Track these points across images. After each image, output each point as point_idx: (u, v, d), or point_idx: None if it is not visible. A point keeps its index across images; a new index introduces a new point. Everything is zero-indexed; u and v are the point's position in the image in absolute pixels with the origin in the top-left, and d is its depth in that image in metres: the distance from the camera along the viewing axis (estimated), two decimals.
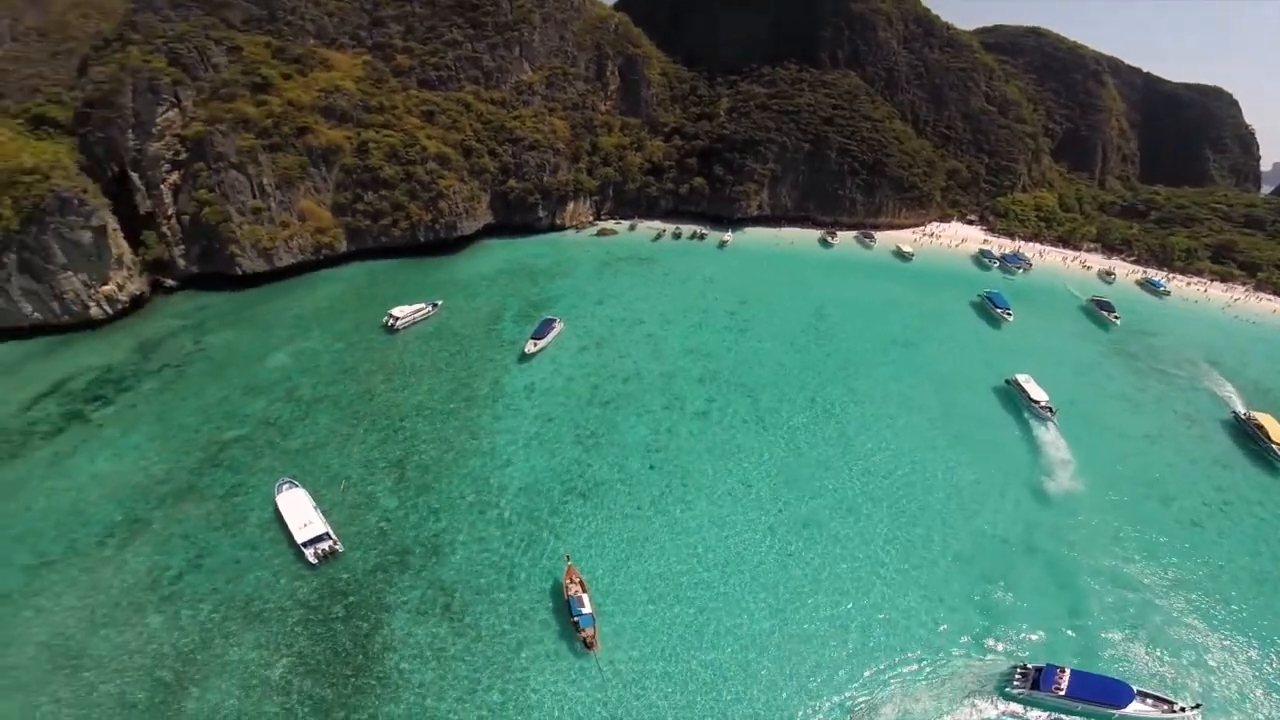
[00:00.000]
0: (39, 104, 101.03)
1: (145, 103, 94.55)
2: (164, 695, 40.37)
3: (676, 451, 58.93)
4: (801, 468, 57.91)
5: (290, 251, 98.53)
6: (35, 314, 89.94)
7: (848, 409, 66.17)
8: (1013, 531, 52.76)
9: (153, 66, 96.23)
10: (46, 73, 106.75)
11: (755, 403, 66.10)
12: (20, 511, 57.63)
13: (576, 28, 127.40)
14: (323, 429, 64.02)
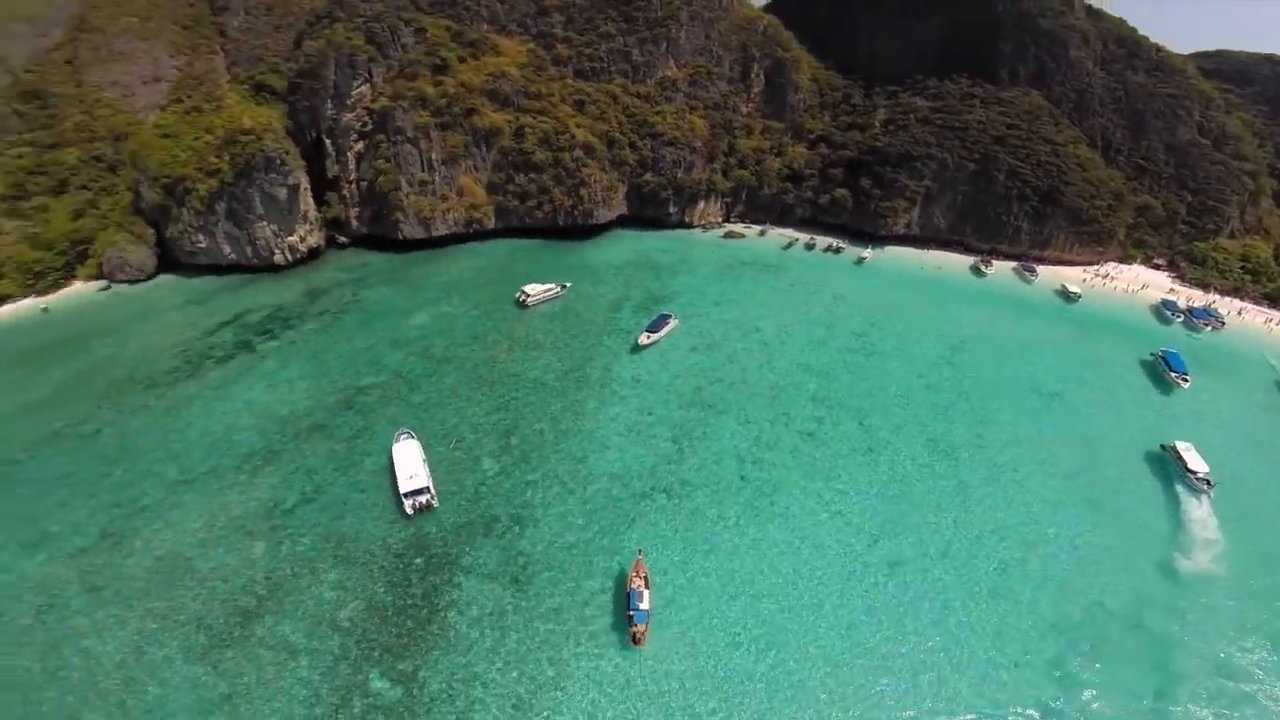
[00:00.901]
0: (261, 72, 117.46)
1: (344, 76, 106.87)
2: (239, 620, 45.36)
3: (772, 466, 57.17)
4: (904, 506, 54.06)
5: (446, 223, 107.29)
6: (232, 255, 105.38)
7: (970, 453, 60.57)
8: (1122, 604, 46.86)
9: (352, 43, 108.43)
10: (270, 44, 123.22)
11: (868, 432, 62.41)
12: (182, 429, 67.94)
13: (723, 27, 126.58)
14: (446, 388, 69.21)
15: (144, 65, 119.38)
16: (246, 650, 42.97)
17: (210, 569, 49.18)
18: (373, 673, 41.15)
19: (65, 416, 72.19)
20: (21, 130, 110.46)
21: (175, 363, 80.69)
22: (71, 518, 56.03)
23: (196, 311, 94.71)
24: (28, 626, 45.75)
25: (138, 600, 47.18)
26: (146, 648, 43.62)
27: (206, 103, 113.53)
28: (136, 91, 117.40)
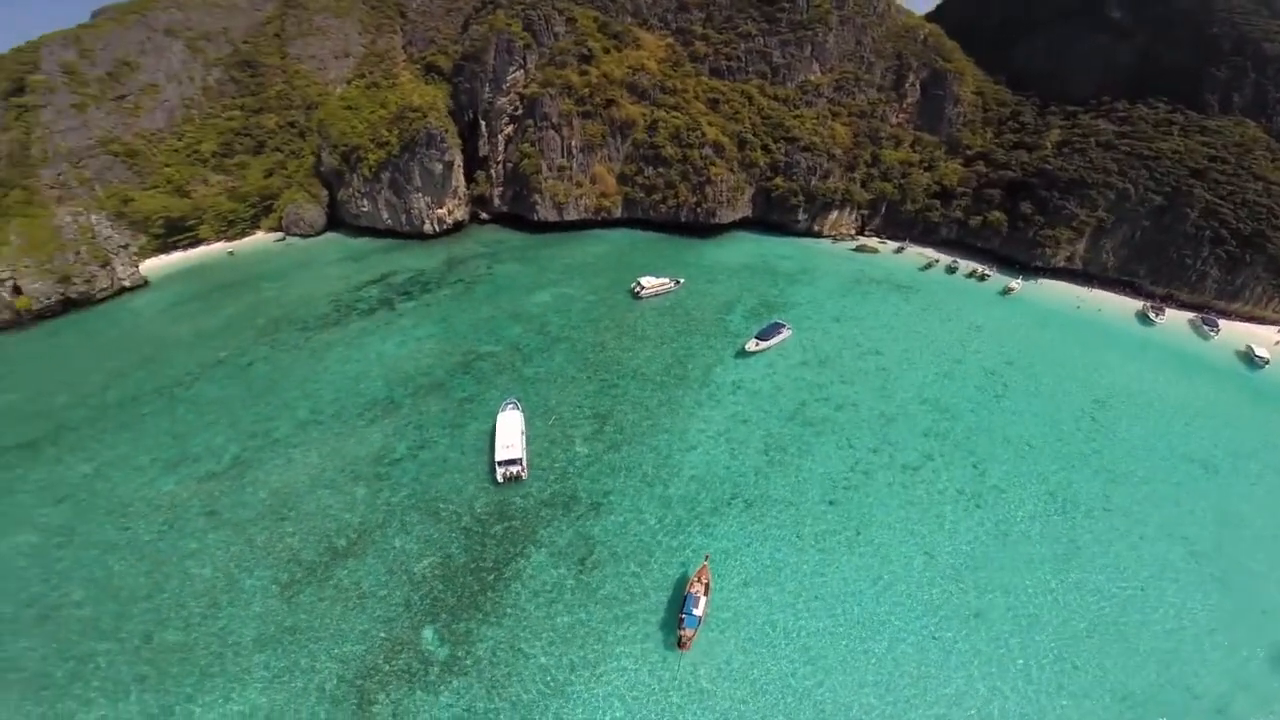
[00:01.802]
0: (432, 54, 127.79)
1: (502, 61, 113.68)
2: (327, 559, 49.15)
3: (865, 496, 53.74)
4: (1001, 558, 48.93)
5: (577, 208, 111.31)
6: (388, 221, 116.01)
7: (1091, 515, 53.44)
8: (1213, 688, 40.22)
9: (511, 30, 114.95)
10: (441, 27, 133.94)
11: (980, 475, 56.88)
12: (320, 371, 75.68)
13: (877, 33, 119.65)
14: (554, 366, 71.89)
15: (336, 41, 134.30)
16: (323, 589, 46.63)
17: (315, 507, 54.13)
18: (428, 628, 43.36)
19: (229, 347, 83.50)
20: (235, 95, 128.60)
21: (326, 310, 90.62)
22: (212, 442, 64.44)
23: (351, 268, 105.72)
24: (148, 543, 52.40)
25: (245, 529, 52.61)
26: (238, 575, 48.39)
27: (384, 79, 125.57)
28: (328, 65, 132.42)
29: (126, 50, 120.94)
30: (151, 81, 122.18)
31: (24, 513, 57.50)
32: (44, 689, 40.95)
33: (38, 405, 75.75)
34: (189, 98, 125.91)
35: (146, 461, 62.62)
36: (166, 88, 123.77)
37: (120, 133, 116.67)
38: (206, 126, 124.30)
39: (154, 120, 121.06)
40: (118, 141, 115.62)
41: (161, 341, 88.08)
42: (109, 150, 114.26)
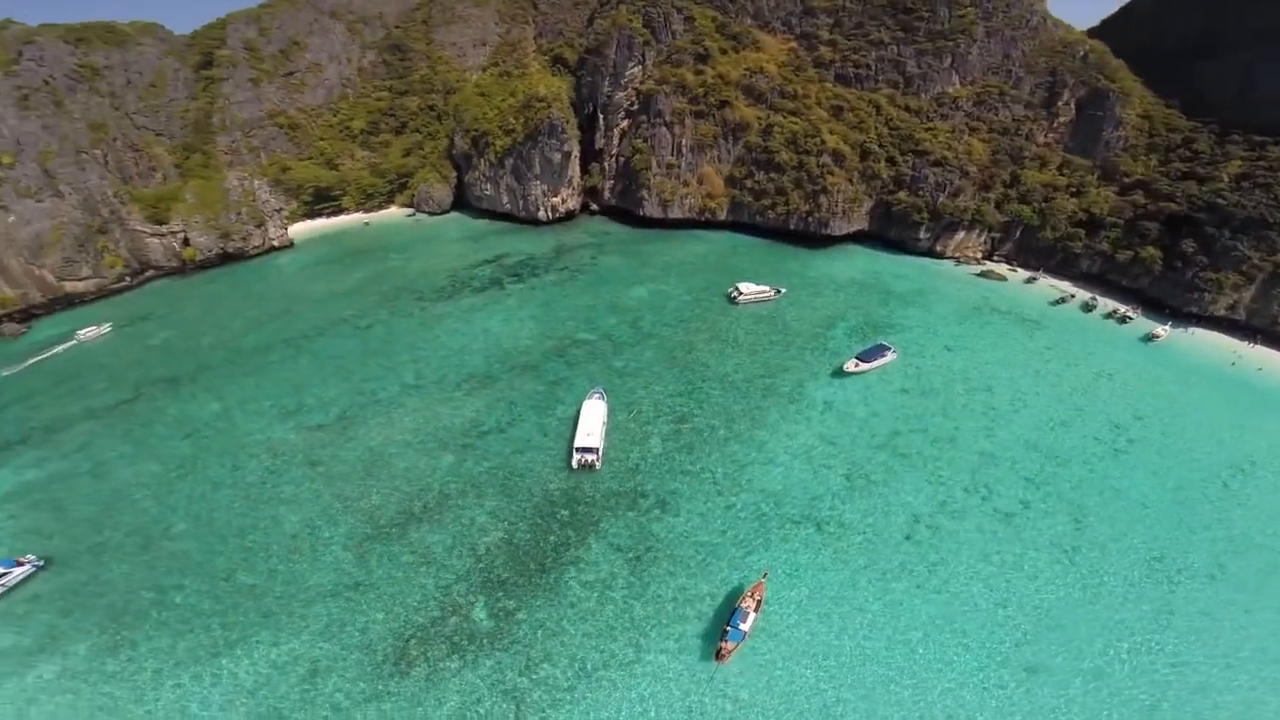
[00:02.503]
0: (559, 46, 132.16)
1: (622, 57, 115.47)
2: (403, 521, 51.79)
3: (947, 536, 49.86)
4: (1082, 617, 44.13)
5: (682, 207, 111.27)
6: (507, 205, 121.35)
7: (1198, 585, 46.67)
8: None
9: (632, 26, 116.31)
10: (568, 20, 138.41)
11: (1080, 531, 51.24)
12: (429, 340, 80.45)
13: (1028, 48, 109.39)
14: (643, 361, 72.35)
15: (475, 29, 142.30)
16: (392, 550, 49.46)
17: (403, 469, 57.70)
18: (480, 600, 45.00)
19: (354, 308, 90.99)
20: (384, 77, 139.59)
21: (443, 284, 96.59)
22: (325, 395, 70.50)
23: (469, 246, 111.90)
24: (251, 485, 57.83)
25: (338, 482, 56.84)
26: (321, 526, 52.28)
27: (515, 69, 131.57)
28: (467, 52, 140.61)
29: (297, 30, 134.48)
30: (316, 61, 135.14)
31: (156, 443, 65.67)
32: (123, 614, 46.02)
33: (187, 344, 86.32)
34: (346, 77, 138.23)
35: (267, 406, 69.60)
36: (328, 67, 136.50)
37: (286, 107, 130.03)
38: (358, 105, 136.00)
39: (315, 97, 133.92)
40: (283, 115, 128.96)
41: (297, 297, 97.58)
42: (275, 122, 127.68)
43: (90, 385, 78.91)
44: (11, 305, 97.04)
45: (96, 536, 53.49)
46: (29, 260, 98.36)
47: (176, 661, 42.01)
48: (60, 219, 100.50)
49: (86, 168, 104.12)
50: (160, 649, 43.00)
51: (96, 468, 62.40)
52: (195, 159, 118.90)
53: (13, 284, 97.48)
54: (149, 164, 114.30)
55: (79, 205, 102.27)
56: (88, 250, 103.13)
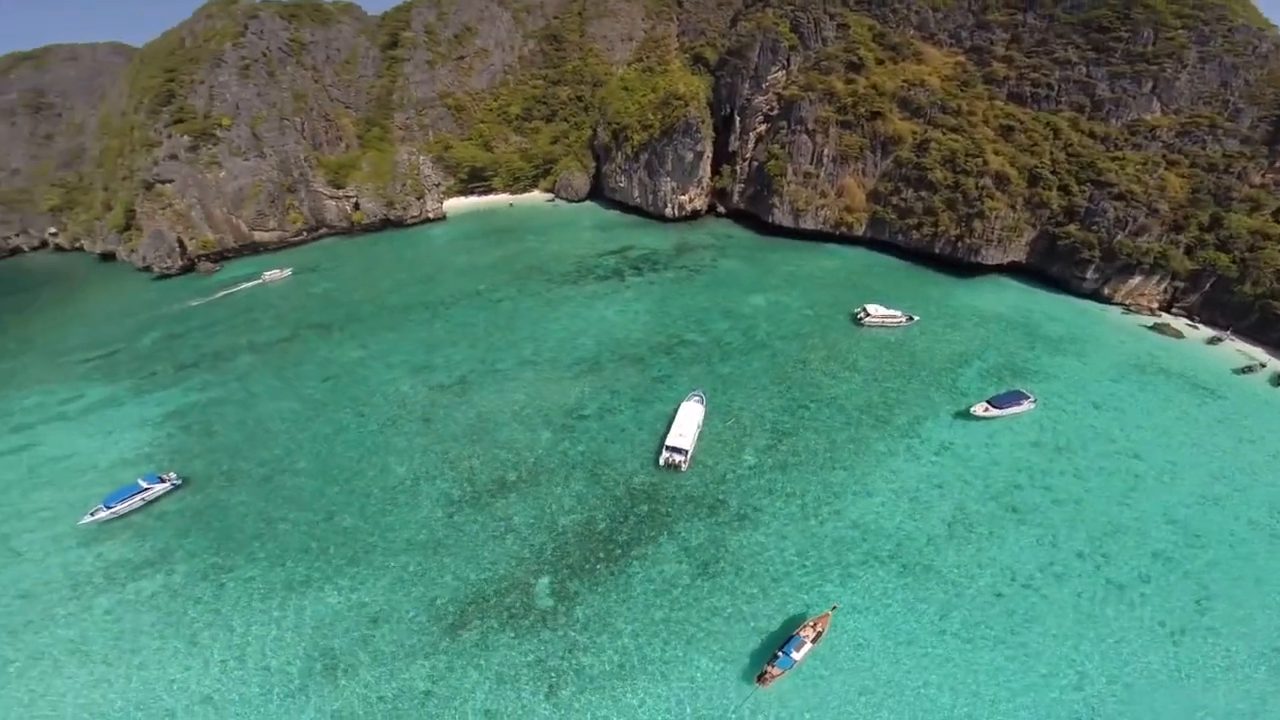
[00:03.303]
0: (700, 45, 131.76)
1: (765, 60, 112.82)
2: (494, 489, 53.92)
3: (1042, 600, 44.37)
4: (1165, 703, 38.38)
5: (815, 218, 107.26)
6: (637, 199, 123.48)
7: None
8: None
9: (779, 29, 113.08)
10: (713, 20, 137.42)
11: (1197, 614, 43.49)
12: (550, 320, 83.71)
13: (1253, 76, 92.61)
14: (750, 371, 70.77)
15: (624, 24, 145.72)
16: (478, 515, 51.85)
17: (505, 439, 60.63)
18: (546, 578, 46.00)
19: (488, 282, 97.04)
20: (541, 66, 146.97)
21: (569, 269, 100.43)
22: (452, 359, 75.78)
23: (598, 235, 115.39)
24: (370, 432, 63.08)
25: (445, 442, 60.62)
26: (421, 482, 55.86)
27: (657, 65, 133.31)
28: (615, 46, 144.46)
29: (470, 16, 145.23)
30: (484, 47, 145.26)
31: (300, 383, 73.87)
32: (230, 540, 51.43)
33: (343, 296, 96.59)
34: (508, 64, 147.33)
35: (399, 361, 76.20)
36: (494, 53, 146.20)
37: (454, 89, 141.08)
38: (516, 91, 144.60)
39: (480, 81, 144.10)
40: (451, 97, 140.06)
41: (441, 266, 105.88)
42: (444, 103, 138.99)
43: (259, 321, 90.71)
44: (210, 247, 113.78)
45: (230, 463, 61.02)
46: (229, 211, 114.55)
47: (259, 593, 46.53)
48: (260, 177, 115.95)
49: (286, 133, 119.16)
50: (250, 578, 47.84)
51: (248, 398, 71.53)
52: (374, 132, 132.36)
53: (214, 229, 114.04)
54: (336, 133, 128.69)
55: (276, 166, 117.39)
56: (277, 206, 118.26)
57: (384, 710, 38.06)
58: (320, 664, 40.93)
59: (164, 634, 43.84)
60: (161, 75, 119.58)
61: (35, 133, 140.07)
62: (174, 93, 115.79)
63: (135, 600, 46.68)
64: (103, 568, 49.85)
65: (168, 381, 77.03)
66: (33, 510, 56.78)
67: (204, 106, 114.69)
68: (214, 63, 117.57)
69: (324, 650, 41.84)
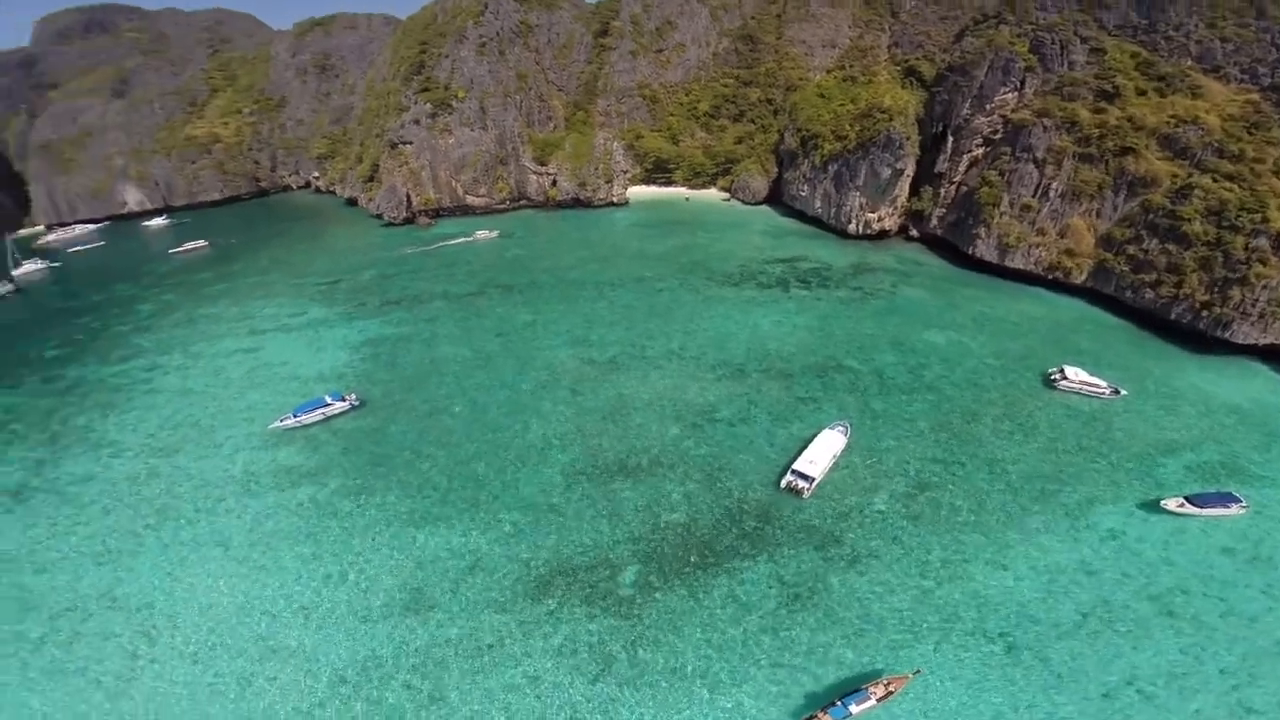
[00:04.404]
0: (915, 58, 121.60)
1: (993, 79, 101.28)
2: (614, 469, 55.46)
3: (1157, 712, 36.96)
4: None
5: (1026, 258, 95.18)
6: (818, 210, 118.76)
7: None
8: None
9: (1015, 49, 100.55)
10: (931, 33, 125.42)
11: None
12: (704, 317, 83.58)
13: None
14: (908, 411, 65.08)
15: (827, 30, 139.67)
16: (593, 491, 53.70)
17: (636, 424, 62.22)
18: (635, 567, 46.36)
19: (654, 271, 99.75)
20: (734, 65, 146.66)
21: (733, 270, 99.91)
22: (607, 338, 79.36)
23: (769, 242, 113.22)
24: (523, 391, 68.10)
25: (583, 415, 63.64)
26: (552, 447, 59.29)
27: (861, 75, 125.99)
28: (814, 52, 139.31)
29: (671, 11, 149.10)
30: (681, 41, 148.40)
31: (477, 335, 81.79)
32: (379, 465, 58.09)
33: (527, 263, 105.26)
34: (702, 61, 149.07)
35: (562, 331, 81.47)
36: (690, 49, 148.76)
37: (651, 81, 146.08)
38: (707, 88, 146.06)
39: (674, 75, 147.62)
40: (648, 88, 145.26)
41: (616, 249, 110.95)
42: (641, 94, 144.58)
43: (456, 274, 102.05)
44: (429, 204, 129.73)
45: (402, 395, 69.25)
46: (451, 174, 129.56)
47: (386, 520, 51.98)
48: (480, 147, 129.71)
49: (508, 109, 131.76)
50: (384, 504, 53.70)
51: (431, 340, 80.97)
52: (579, 115, 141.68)
53: (436, 190, 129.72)
54: (548, 113, 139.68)
55: (495, 139, 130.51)
56: (490, 175, 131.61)
57: (443, 652, 40.91)
58: (408, 599, 44.93)
59: (296, 542, 50.63)
60: (416, 47, 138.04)
61: (319, 90, 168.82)
62: (423, 64, 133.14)
63: (286, 506, 54.42)
64: (272, 471, 58.95)
65: (372, 313, 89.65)
66: (241, 409, 69.11)
67: (445, 78, 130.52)
68: (458, 38, 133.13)
69: (417, 587, 45.85)
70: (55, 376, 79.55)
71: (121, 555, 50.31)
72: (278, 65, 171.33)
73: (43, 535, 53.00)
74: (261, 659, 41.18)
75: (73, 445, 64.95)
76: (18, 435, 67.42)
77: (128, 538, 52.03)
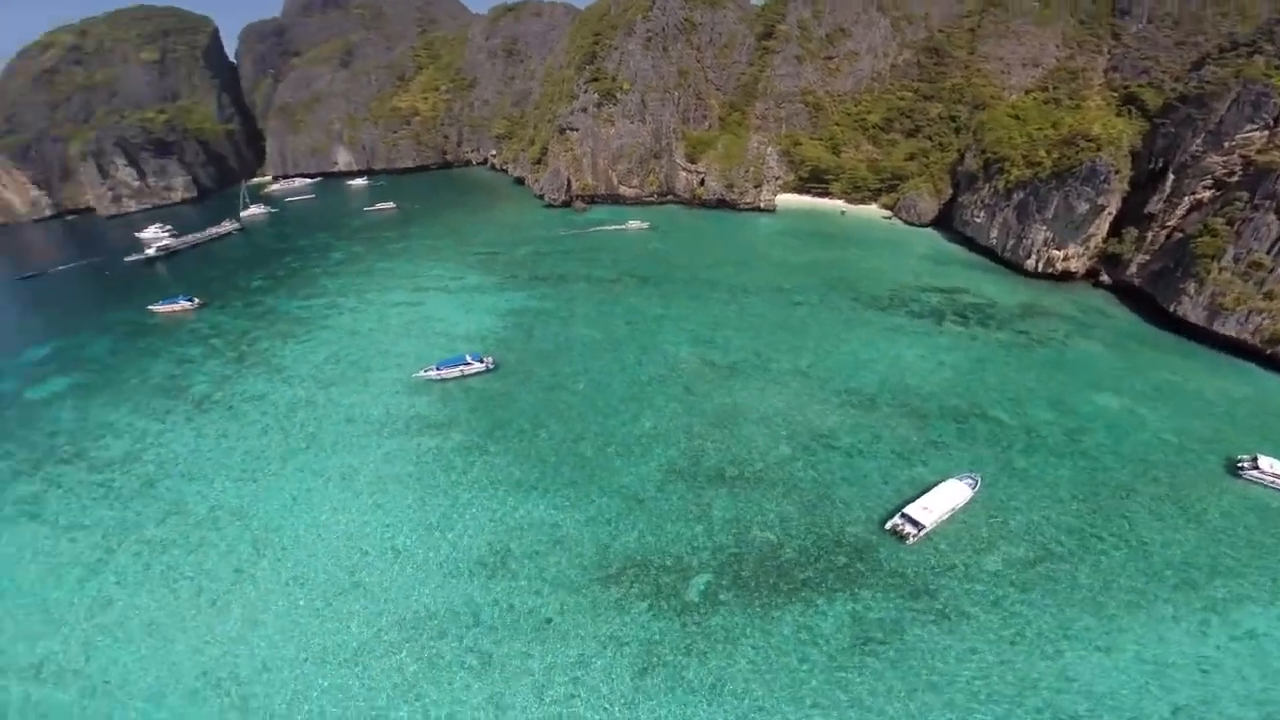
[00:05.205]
0: (1139, 85, 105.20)
1: (1237, 115, 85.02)
2: (712, 476, 55.19)
3: None
4: None
5: (1240, 325, 79.78)
6: (992, 240, 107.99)
7: None
8: None
9: (1271, 83, 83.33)
10: (1161, 59, 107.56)
11: None
12: (840, 340, 79.29)
13: None
14: (1051, 475, 57.28)
15: (1029, 48, 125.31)
16: (686, 492, 53.68)
17: (745, 435, 60.86)
18: (707, 575, 45.47)
19: (793, 283, 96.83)
20: (914, 78, 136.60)
21: (882, 293, 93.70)
22: (731, 343, 78.35)
23: (928, 267, 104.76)
24: (641, 381, 69.39)
25: (694, 417, 63.45)
26: (655, 442, 59.90)
27: (1068, 99, 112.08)
28: (1011, 70, 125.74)
29: (846, 18, 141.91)
30: (854, 50, 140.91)
31: (608, 319, 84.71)
32: (500, 428, 61.72)
33: (666, 257, 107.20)
34: (877, 71, 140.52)
35: (688, 328, 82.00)
36: (864, 58, 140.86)
37: (816, 88, 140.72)
38: (879, 100, 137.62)
39: (843, 84, 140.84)
40: (811, 94, 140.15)
41: (756, 255, 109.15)
42: (803, 100, 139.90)
43: (600, 260, 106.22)
44: (586, 190, 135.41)
45: (533, 365, 73.49)
46: (609, 164, 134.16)
47: (493, 481, 55.27)
48: (637, 140, 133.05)
49: (666, 105, 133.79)
50: (494, 465, 57.17)
51: (568, 318, 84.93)
52: (734, 116, 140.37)
53: (594, 177, 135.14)
54: (703, 112, 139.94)
55: (651, 133, 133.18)
56: (643, 168, 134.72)
57: (505, 618, 42.90)
58: (491, 561, 47.46)
59: (409, 487, 55.17)
60: (590, 37, 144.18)
61: (504, 73, 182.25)
62: (595, 54, 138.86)
63: (409, 452, 59.59)
64: (406, 417, 65.08)
65: (521, 286, 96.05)
66: (394, 354, 77.15)
67: (613, 70, 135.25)
68: (626, 31, 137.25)
69: (502, 550, 48.35)
70: (255, 303, 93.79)
71: (262, 477, 57.98)
72: (472, 47, 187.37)
73: (207, 446, 62.64)
74: (344, 592, 45.73)
75: (255, 366, 76.30)
76: (215, 350, 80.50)
77: (273, 460, 60.04)
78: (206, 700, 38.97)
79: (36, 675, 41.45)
